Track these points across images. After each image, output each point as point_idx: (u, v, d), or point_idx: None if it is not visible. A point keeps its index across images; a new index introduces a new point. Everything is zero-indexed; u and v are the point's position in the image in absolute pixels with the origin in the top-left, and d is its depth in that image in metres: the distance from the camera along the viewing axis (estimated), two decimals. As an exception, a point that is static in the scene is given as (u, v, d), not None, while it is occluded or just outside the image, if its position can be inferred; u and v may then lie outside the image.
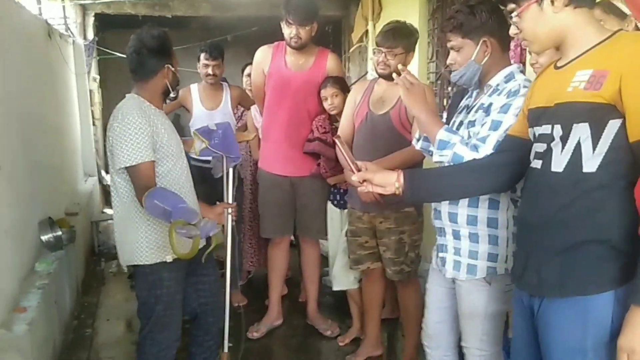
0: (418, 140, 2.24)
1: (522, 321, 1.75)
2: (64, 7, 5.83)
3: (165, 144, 2.42)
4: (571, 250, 1.53)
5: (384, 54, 2.91)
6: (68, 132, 5.40)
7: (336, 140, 2.04)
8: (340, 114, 3.31)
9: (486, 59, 2.01)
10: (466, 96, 2.22)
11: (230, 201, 2.79)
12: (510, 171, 1.85)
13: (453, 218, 2.08)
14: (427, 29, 4.66)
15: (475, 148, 1.92)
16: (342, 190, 3.50)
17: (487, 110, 1.99)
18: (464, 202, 2.04)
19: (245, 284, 4.47)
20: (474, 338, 2.13)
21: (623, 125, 1.43)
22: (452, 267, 2.13)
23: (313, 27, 3.38)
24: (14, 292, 2.89)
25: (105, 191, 7.27)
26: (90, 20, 6.73)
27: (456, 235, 2.10)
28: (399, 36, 2.90)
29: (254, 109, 4.00)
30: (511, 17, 1.69)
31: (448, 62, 2.12)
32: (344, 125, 3.15)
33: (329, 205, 3.61)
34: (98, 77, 7.03)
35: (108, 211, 6.80)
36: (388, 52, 2.90)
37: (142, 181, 2.31)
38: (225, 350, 2.81)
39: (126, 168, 2.34)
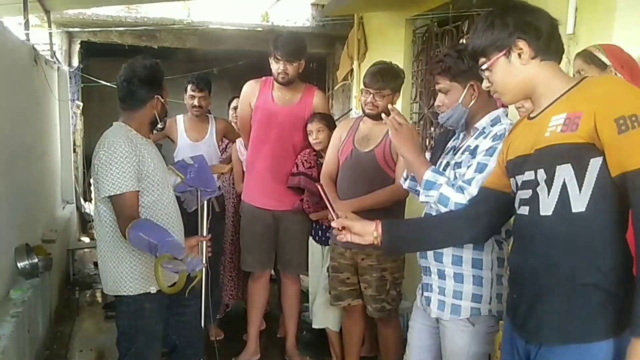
0: (405, 179, 2.28)
1: None
2: (50, 33, 5.85)
3: (152, 173, 2.42)
4: (572, 295, 1.53)
5: (372, 95, 2.97)
6: (48, 158, 5.36)
7: (319, 186, 2.07)
8: (324, 149, 3.35)
9: (473, 102, 2.07)
10: (453, 138, 2.27)
11: (204, 234, 2.79)
12: (486, 222, 1.88)
13: (438, 258, 2.10)
14: (412, 70, 4.76)
15: (460, 189, 1.95)
16: (324, 227, 3.52)
17: (473, 152, 2.03)
18: None
19: (223, 318, 4.42)
20: None
21: (604, 162, 1.46)
22: (437, 306, 2.13)
23: (300, 64, 3.44)
24: (-12, 319, 2.83)
25: (83, 219, 7.20)
26: (77, 47, 6.76)
27: (441, 275, 2.12)
28: (387, 78, 2.97)
29: (239, 142, 4.03)
30: (482, 71, 1.74)
31: (436, 104, 2.18)
32: (329, 161, 3.19)
33: (311, 240, 3.61)
34: (81, 104, 7.02)
35: (84, 239, 6.72)
36: (376, 93, 2.96)
37: (126, 211, 2.30)
38: None
39: (110, 197, 2.33)
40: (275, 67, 3.42)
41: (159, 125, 2.58)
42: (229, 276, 4.30)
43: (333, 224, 1.92)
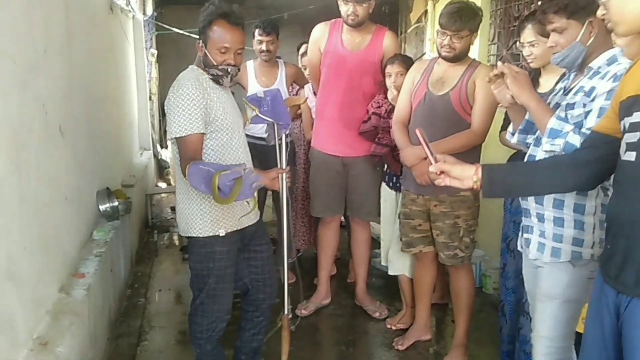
0: (513, 133, 2.20)
1: (601, 318, 1.65)
2: (125, -18, 5.92)
3: (220, 116, 2.41)
4: None
5: (449, 37, 2.83)
6: (126, 106, 5.51)
7: (417, 132, 2.00)
8: None
9: (591, 40, 1.94)
10: (563, 79, 2.15)
11: (283, 166, 2.78)
12: (595, 169, 1.76)
13: (539, 200, 2.04)
14: (490, 9, 4.52)
15: (580, 144, 1.85)
16: (397, 173, 3.44)
17: (588, 94, 1.93)
18: None
19: (294, 262, 4.47)
20: (547, 325, 2.08)
21: None
22: (536, 248, 2.10)
23: (370, 4, 3.32)
24: (74, 257, 2.97)
25: (159, 165, 7.43)
26: (150, -4, 6.84)
27: (540, 218, 2.07)
28: (465, 17, 2.81)
29: (308, 87, 3.98)
30: None
31: (549, 44, 2.05)
32: (401, 105, 3.09)
33: (384, 187, 3.55)
34: (156, 52, 7.14)
35: (161, 185, 6.95)
36: (453, 34, 2.81)
37: (188, 153, 2.31)
38: (285, 312, 2.81)
39: (175, 139, 2.35)
40: (344, 8, 3.32)
41: (214, 73, 2.44)
42: (301, 222, 4.34)
43: (431, 169, 1.86)
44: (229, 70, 2.41)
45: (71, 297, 2.65)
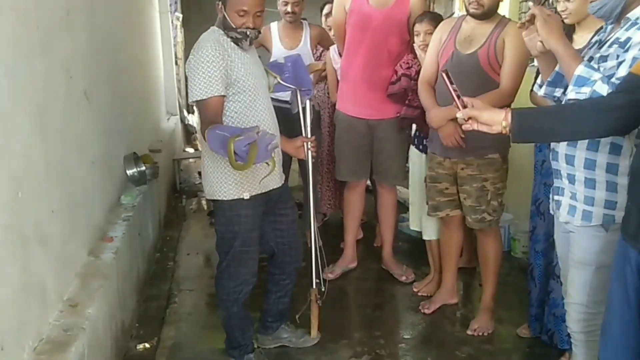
0: (541, 86, 2.13)
1: (624, 276, 1.62)
2: (149, -56, 5.85)
3: (242, 78, 2.38)
4: None
5: None
6: (152, 71, 5.50)
7: (442, 74, 1.95)
8: None
9: None
10: (599, 32, 2.06)
11: (308, 135, 2.76)
12: (631, 114, 1.68)
13: (570, 160, 1.97)
14: (522, -35, 4.36)
15: (615, 87, 1.77)
16: (423, 135, 3.38)
17: (623, 45, 1.83)
18: (583, 144, 1.93)
19: (320, 227, 4.49)
20: (580, 291, 2.04)
21: None
22: (567, 211, 2.04)
23: (396, -39, 3.22)
24: (101, 222, 3.00)
25: (187, 130, 7.46)
26: (175, -42, 6.77)
27: (571, 179, 2.00)
28: None
29: (333, 49, 3.91)
30: None
31: None
32: (428, 65, 3.01)
33: (412, 150, 3.48)
34: (181, 16, 7.09)
35: (189, 150, 6.99)
36: None
37: (208, 116, 2.30)
38: (313, 286, 2.83)
39: (196, 102, 2.34)
40: None
41: (232, 35, 2.40)
42: (327, 186, 4.33)
43: (458, 115, 1.82)
44: (248, 33, 2.37)
45: (100, 260, 2.69)
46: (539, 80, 2.21)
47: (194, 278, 3.79)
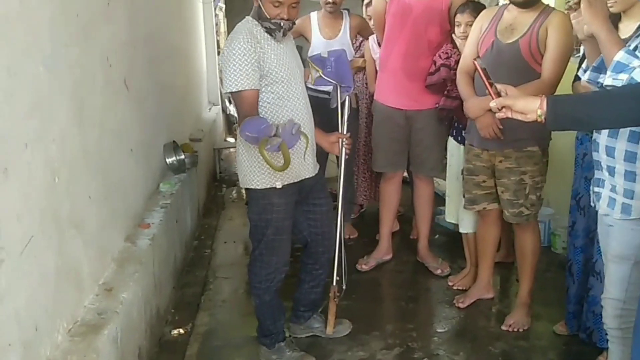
0: (585, 70, 2.08)
1: None
2: None
3: (274, 69, 2.38)
4: None
5: None
6: (194, 60, 5.57)
7: (475, 63, 1.91)
8: None
9: None
10: None
11: (344, 131, 2.75)
12: None
13: (610, 152, 1.92)
14: (569, -48, 4.21)
15: None
16: (461, 126, 3.32)
17: None
18: (623, 135, 1.87)
19: (357, 218, 4.48)
20: (618, 287, 1.99)
21: None
22: (607, 203, 1.99)
23: (439, -50, 3.16)
24: (139, 208, 3.06)
25: (228, 120, 7.53)
26: (219, -51, 6.82)
27: (611, 171, 1.94)
28: None
29: (372, 39, 3.87)
30: None
31: None
32: (467, 54, 2.94)
33: (451, 141, 3.42)
34: (224, 6, 7.15)
35: (230, 140, 7.06)
36: None
37: (243, 109, 2.33)
38: (334, 283, 2.83)
39: (231, 93, 2.36)
40: None
41: (266, 26, 2.39)
42: (363, 177, 4.31)
43: (491, 104, 1.78)
44: (282, 24, 2.36)
45: (136, 246, 2.74)
46: (584, 65, 2.16)
47: (230, 266, 3.83)
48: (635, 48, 1.89)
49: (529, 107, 1.71)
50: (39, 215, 1.82)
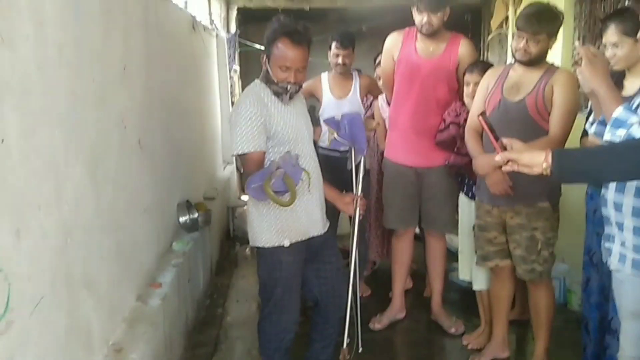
0: (592, 123, 2.11)
1: None
2: (209, 1, 6.14)
3: (280, 130, 2.44)
4: None
5: (525, 40, 2.72)
6: (209, 120, 5.68)
7: (480, 118, 1.95)
8: None
9: None
10: None
11: (359, 192, 2.78)
12: None
13: (618, 207, 1.93)
14: (573, 13, 4.32)
15: None
16: (472, 182, 3.33)
17: None
18: (631, 190, 1.88)
19: (370, 275, 4.45)
20: (633, 344, 1.96)
21: None
22: (618, 259, 1.98)
23: (445, 13, 3.26)
24: (151, 268, 3.08)
25: (242, 179, 7.60)
26: (233, 14, 7.07)
27: (620, 227, 1.95)
28: (543, 20, 2.69)
29: (381, 98, 3.95)
30: None
31: (639, 36, 1.95)
32: (475, 112, 2.99)
33: (462, 197, 3.44)
34: (239, 68, 7.34)
35: (244, 198, 7.10)
36: (530, 37, 2.70)
37: (249, 169, 2.39)
38: (344, 346, 2.80)
39: (238, 156, 2.41)
40: (419, 18, 3.27)
41: (274, 89, 2.46)
42: (375, 233, 4.30)
43: (497, 158, 1.80)
44: (288, 88, 2.44)
45: (147, 305, 2.74)
46: (590, 119, 2.20)
47: (242, 325, 3.80)
48: (638, 107, 1.92)
49: (535, 160, 1.73)
50: (50, 275, 1.84)
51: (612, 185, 1.95)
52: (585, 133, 2.64)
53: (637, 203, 1.87)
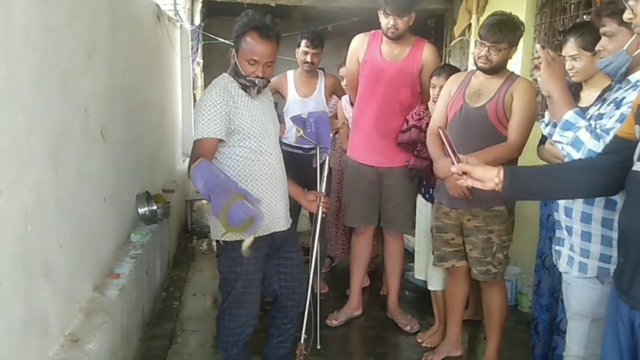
0: (547, 125, 2.19)
1: (617, 333, 1.63)
2: (174, -8, 6.07)
3: (245, 124, 2.44)
4: None
5: (487, 48, 2.80)
6: (170, 113, 5.62)
7: (439, 131, 2.01)
8: None
9: (639, 51, 1.88)
10: (607, 91, 2.11)
11: (322, 190, 2.81)
12: (614, 175, 1.72)
13: (568, 213, 2.03)
14: (534, 24, 4.45)
15: (597, 137, 1.85)
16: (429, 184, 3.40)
17: (618, 105, 1.90)
18: None
19: (328, 272, 4.49)
20: (578, 344, 2.05)
21: None
22: (566, 262, 2.08)
23: (411, 17, 3.32)
24: (109, 258, 3.04)
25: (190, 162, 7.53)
26: (199, 6, 6.98)
27: (569, 231, 2.05)
28: (505, 30, 2.77)
29: (345, 99, 4.00)
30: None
31: (597, 48, 2.03)
32: (437, 117, 3.07)
33: (420, 199, 3.51)
34: (202, 61, 7.27)
35: (202, 191, 7.05)
36: (492, 46, 2.78)
37: (197, 153, 2.32)
38: (302, 341, 2.82)
39: (195, 141, 2.39)
40: (385, 21, 3.32)
41: (242, 82, 2.47)
42: (335, 232, 4.34)
43: (453, 169, 1.86)
44: (256, 82, 2.45)
45: (105, 296, 2.71)
46: (545, 119, 2.27)
47: (198, 319, 3.78)
48: (591, 117, 2.01)
49: (487, 175, 1.80)
50: (9, 262, 1.81)
51: None
52: (542, 142, 2.74)
53: (586, 209, 1.97)
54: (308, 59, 3.92)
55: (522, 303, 3.88)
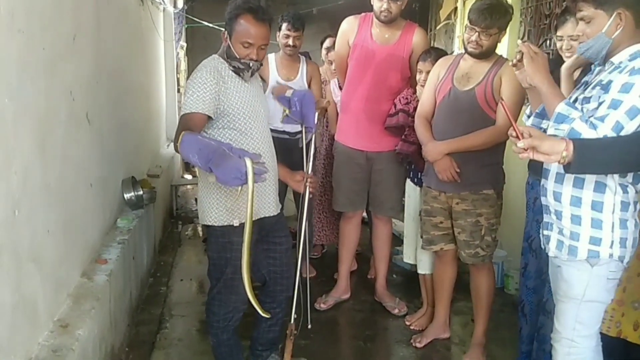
0: (529, 116, 2.19)
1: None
2: (157, -26, 5.98)
3: (235, 106, 2.41)
4: None
5: (477, 33, 2.79)
6: (154, 97, 5.57)
7: (501, 104, 2.00)
8: None
9: (617, 32, 1.89)
10: (588, 73, 2.12)
11: (309, 171, 2.80)
12: None
13: (557, 197, 2.03)
14: (520, 7, 4.45)
15: (593, 126, 1.84)
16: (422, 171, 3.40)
17: (605, 87, 1.90)
18: (569, 181, 1.98)
19: (317, 257, 4.49)
20: (566, 325, 2.06)
21: None
22: (555, 246, 2.09)
23: (403, 1, 3.31)
24: (96, 244, 3.01)
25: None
26: (182, -11, 6.91)
27: (558, 215, 2.05)
28: (496, 15, 2.76)
29: (333, 82, 3.97)
30: None
31: (576, 33, 2.04)
32: (425, 100, 3.06)
33: (408, 183, 3.51)
34: (185, 44, 7.20)
35: (187, 176, 7.02)
36: (482, 31, 2.77)
37: (184, 125, 2.24)
38: (292, 321, 2.83)
39: (182, 116, 2.34)
40: (378, 5, 3.30)
41: (235, 65, 2.43)
42: (318, 217, 4.33)
43: (519, 144, 1.81)
44: (251, 64, 2.42)
45: (93, 281, 2.69)
46: (527, 111, 2.28)
47: (186, 304, 3.77)
48: (576, 100, 2.02)
49: (555, 149, 1.78)
50: (-3, 248, 1.78)
51: (552, 175, 2.05)
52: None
53: (575, 192, 1.98)
54: (290, 42, 3.87)
55: (508, 285, 3.93)
